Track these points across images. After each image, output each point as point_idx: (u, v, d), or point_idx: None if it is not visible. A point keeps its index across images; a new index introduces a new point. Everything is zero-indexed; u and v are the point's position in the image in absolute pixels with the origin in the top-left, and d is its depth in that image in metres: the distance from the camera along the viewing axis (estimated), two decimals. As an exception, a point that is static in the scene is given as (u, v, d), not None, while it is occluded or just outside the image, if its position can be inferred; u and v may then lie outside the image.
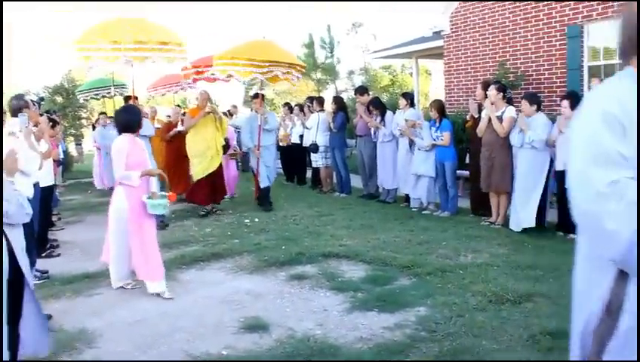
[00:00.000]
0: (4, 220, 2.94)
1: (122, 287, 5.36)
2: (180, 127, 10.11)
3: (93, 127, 14.09)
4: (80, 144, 22.69)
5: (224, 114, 15.67)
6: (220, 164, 9.05)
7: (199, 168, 8.82)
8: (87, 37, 8.13)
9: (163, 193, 5.44)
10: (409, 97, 9.38)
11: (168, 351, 3.90)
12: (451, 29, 12.29)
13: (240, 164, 12.60)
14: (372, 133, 9.86)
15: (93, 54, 8.02)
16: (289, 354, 3.74)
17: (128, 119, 5.34)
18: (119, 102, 11.74)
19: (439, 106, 8.53)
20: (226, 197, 9.83)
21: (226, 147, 9.64)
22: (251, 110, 11.65)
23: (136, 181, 5.04)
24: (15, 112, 5.27)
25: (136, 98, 9.61)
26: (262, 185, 9.30)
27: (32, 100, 6.08)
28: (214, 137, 8.82)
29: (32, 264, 4.79)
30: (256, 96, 9.40)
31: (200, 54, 10.82)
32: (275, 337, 4.05)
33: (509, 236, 6.90)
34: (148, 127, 8.38)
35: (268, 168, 9.40)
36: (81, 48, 8.06)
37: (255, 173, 9.53)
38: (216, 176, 8.95)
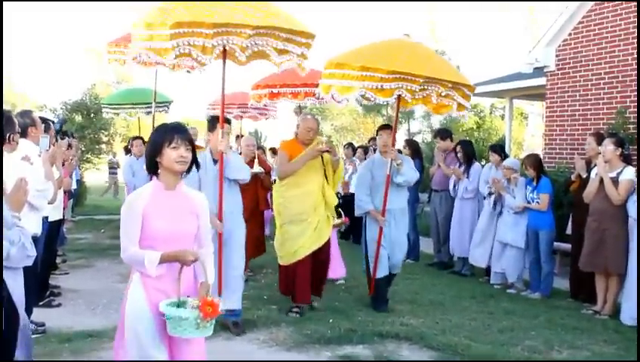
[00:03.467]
0: (4, 263, 3.03)
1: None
2: (256, 168, 9.00)
3: (128, 151, 12.68)
4: (114, 173, 23.34)
5: (271, 151, 15.40)
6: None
7: (302, 242, 6.97)
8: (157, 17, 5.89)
9: (212, 298, 3.33)
10: (500, 151, 9.33)
11: None
12: (557, 64, 12.22)
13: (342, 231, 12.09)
14: (451, 187, 9.79)
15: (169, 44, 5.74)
16: None
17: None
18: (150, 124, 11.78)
19: (536, 162, 8.44)
20: (339, 281, 8.68)
21: (339, 208, 8.12)
22: (370, 150, 11.45)
23: (152, 268, 3.41)
24: (23, 133, 5.49)
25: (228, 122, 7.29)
26: (380, 273, 7.33)
27: (46, 119, 6.38)
28: (322, 192, 7.13)
29: (28, 313, 4.90)
30: (385, 127, 7.74)
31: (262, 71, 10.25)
32: None
33: (618, 331, 6.67)
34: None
35: (395, 244, 7.44)
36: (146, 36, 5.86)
37: (368, 253, 7.49)
38: (322, 253, 7.20)
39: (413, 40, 7.57)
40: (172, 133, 3.48)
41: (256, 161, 9.16)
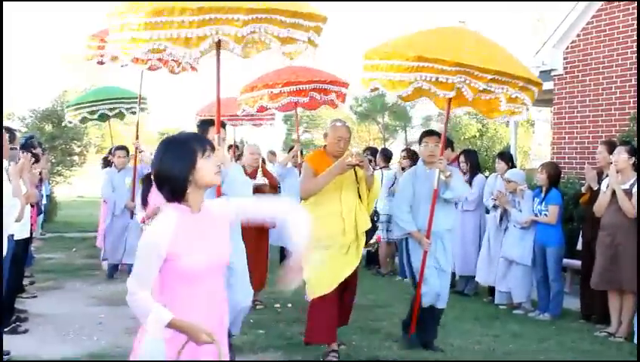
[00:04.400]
0: None
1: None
2: (260, 180, 8.78)
3: (107, 163, 12.17)
4: None
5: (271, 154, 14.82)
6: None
7: (330, 274, 6.28)
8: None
9: None
10: (508, 159, 9.38)
11: None
12: (565, 67, 12.26)
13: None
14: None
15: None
16: None
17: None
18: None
19: (554, 173, 8.46)
20: None
21: (370, 232, 7.51)
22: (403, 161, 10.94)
23: (155, 329, 3.05)
24: None
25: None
26: (424, 302, 6.66)
27: (10, 129, 6.35)
28: (355, 212, 6.44)
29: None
30: (431, 133, 7.08)
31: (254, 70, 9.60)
32: None
33: (634, 354, 6.65)
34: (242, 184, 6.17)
35: (442, 273, 6.77)
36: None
37: (415, 278, 6.86)
38: (349, 283, 6.51)
39: (471, 29, 7.11)
40: (202, 141, 3.17)
41: (259, 171, 8.95)
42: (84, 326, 7.09)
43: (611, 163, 7.42)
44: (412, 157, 10.87)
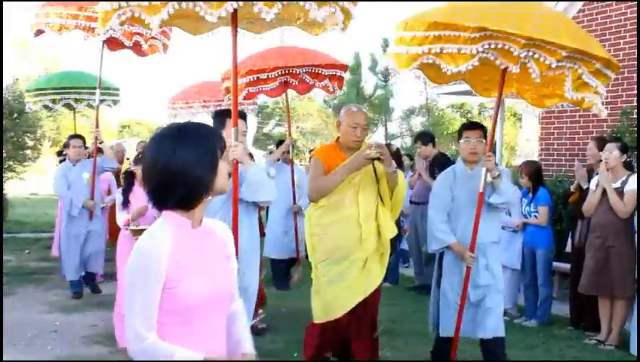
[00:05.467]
0: None
1: None
2: None
3: (60, 155, 11.35)
4: None
5: None
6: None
7: (343, 293, 5.65)
8: None
9: None
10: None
11: None
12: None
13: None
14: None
15: None
16: None
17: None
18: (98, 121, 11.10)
19: (533, 171, 8.52)
20: None
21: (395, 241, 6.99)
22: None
23: None
24: None
25: None
26: (444, 330, 6.08)
27: None
28: (375, 217, 5.77)
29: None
30: (473, 126, 6.38)
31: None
32: None
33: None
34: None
35: (488, 296, 6.02)
36: None
37: (442, 304, 6.13)
38: (368, 302, 5.76)
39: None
40: (221, 137, 2.72)
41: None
42: (38, 335, 7.04)
43: (602, 160, 7.48)
44: (392, 154, 10.82)
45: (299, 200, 9.46)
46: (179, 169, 2.51)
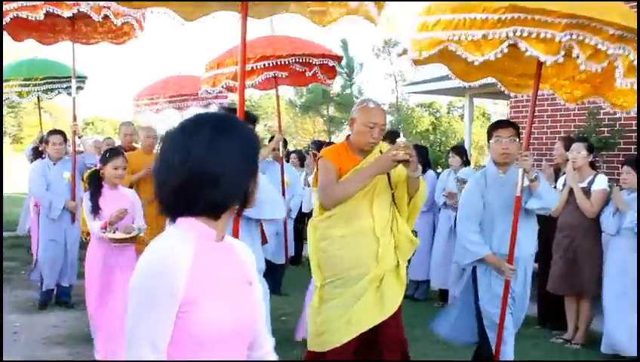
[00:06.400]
0: None
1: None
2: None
3: (37, 154, 10.35)
4: None
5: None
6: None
7: (354, 316, 4.86)
8: None
9: None
10: (463, 153, 9.45)
11: None
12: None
13: None
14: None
15: None
16: None
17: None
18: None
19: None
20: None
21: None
22: (308, 156, 10.62)
23: None
24: None
25: None
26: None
27: None
28: (391, 228, 5.05)
29: None
30: (504, 124, 5.94)
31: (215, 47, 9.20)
32: None
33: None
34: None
35: (520, 308, 5.83)
36: None
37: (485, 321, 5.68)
38: (386, 324, 4.97)
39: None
40: (258, 140, 2.29)
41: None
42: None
43: (569, 160, 7.55)
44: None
45: (289, 201, 9.27)
46: (217, 167, 2.06)
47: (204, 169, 2.04)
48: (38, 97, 11.32)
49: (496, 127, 5.77)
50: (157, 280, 1.99)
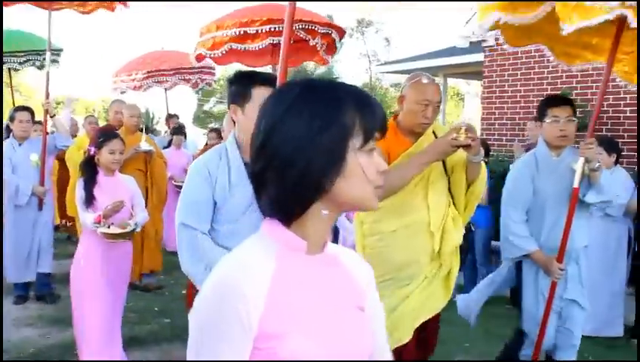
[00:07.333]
0: None
1: None
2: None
3: (8, 133, 8.77)
4: None
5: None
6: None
7: (409, 316, 4.42)
8: None
9: None
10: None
11: None
12: (497, 39, 12.45)
13: None
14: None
15: None
16: None
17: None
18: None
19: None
20: None
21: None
22: None
23: None
24: None
25: None
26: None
27: None
28: (446, 222, 4.48)
29: None
30: (561, 102, 5.25)
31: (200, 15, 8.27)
32: None
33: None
34: None
35: (574, 310, 5.16)
36: None
37: (527, 323, 5.31)
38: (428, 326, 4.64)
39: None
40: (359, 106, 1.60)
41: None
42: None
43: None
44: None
45: None
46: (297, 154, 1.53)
47: (290, 153, 1.53)
48: (10, 71, 10.88)
49: (551, 104, 5.12)
50: (222, 310, 1.53)
